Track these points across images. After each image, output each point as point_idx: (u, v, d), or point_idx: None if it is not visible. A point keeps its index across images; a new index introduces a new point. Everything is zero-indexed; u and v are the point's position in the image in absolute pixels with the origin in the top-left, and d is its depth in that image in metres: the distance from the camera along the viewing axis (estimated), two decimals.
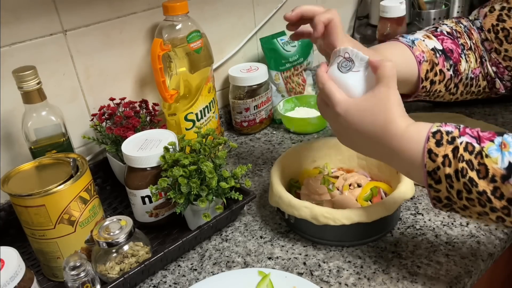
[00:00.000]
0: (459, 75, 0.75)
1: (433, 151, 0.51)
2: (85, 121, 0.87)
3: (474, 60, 0.76)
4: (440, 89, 0.74)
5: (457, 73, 0.75)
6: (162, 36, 0.86)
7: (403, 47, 0.72)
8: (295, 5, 1.14)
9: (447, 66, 0.74)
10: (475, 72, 0.77)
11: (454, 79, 0.75)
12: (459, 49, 0.75)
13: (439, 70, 0.73)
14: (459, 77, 0.75)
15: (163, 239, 0.76)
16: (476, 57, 0.77)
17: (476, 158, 0.49)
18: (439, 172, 0.51)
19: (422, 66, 0.71)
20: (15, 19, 0.75)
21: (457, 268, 0.63)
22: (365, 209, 0.65)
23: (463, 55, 0.75)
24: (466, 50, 0.76)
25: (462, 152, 0.50)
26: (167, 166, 0.71)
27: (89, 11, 0.82)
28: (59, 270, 0.68)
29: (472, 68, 0.76)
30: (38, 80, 0.70)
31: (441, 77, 0.73)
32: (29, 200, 0.62)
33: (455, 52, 0.75)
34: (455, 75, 0.75)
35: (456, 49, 0.75)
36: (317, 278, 0.65)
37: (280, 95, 1.10)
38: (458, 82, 0.76)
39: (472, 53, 0.76)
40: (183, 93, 0.89)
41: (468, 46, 0.76)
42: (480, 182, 0.49)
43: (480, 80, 0.78)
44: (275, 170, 0.76)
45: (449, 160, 0.50)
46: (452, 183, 0.51)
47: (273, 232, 0.75)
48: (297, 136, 1.04)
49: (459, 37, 0.77)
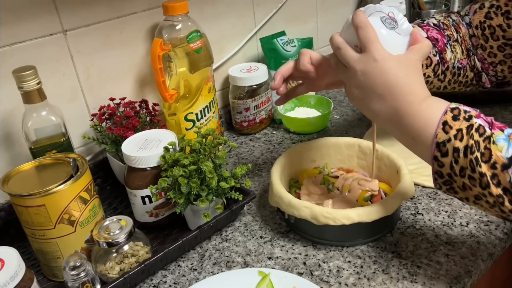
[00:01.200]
0: (445, 63, 0.77)
1: (448, 123, 0.52)
2: (85, 121, 0.87)
3: (461, 52, 0.78)
4: (428, 73, 0.76)
5: (443, 60, 0.76)
6: (162, 36, 0.86)
7: None
8: (294, 5, 1.15)
9: (433, 52, 0.76)
10: (462, 62, 0.78)
11: (441, 66, 0.77)
12: (444, 39, 0.77)
13: None
14: (445, 65, 0.77)
15: (163, 239, 0.76)
16: (462, 49, 0.79)
17: (484, 142, 0.51)
18: (448, 144, 0.52)
19: None
20: (15, 19, 0.75)
21: (457, 268, 0.63)
22: (365, 209, 0.65)
23: (448, 45, 0.77)
24: (452, 41, 0.78)
25: (474, 132, 0.51)
26: (167, 166, 0.71)
27: (89, 11, 0.82)
28: (59, 270, 0.68)
29: (459, 59, 0.78)
30: (38, 80, 0.70)
31: (428, 61, 0.75)
32: (29, 200, 0.62)
33: (440, 42, 0.77)
34: (441, 62, 0.76)
35: (442, 38, 0.77)
36: (317, 278, 0.65)
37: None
38: (445, 70, 0.77)
39: (458, 45, 0.78)
40: (183, 93, 0.89)
41: (454, 38, 0.78)
42: (482, 165, 0.50)
43: (467, 70, 0.80)
44: (275, 170, 0.76)
45: (462, 135, 0.51)
46: (458, 158, 0.51)
47: (273, 232, 0.75)
48: (297, 136, 1.04)
49: (446, 29, 0.79)
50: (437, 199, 0.77)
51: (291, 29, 1.17)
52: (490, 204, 0.52)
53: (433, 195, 0.78)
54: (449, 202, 0.76)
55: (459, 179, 0.53)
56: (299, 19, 1.19)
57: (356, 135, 0.84)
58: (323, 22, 1.25)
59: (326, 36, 1.27)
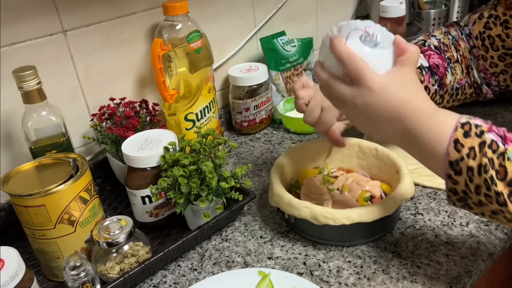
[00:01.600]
0: (444, 87, 0.78)
1: (460, 141, 0.50)
2: (85, 121, 0.87)
3: (460, 72, 0.79)
4: None
5: (442, 86, 0.77)
6: (162, 36, 0.86)
7: None
8: (294, 5, 1.15)
9: (432, 81, 0.77)
10: (461, 82, 0.79)
11: (439, 91, 0.78)
12: (445, 63, 0.78)
13: (424, 87, 0.75)
14: (444, 89, 0.78)
15: (163, 239, 0.76)
16: (462, 68, 0.79)
17: (498, 158, 0.49)
18: (461, 163, 0.50)
19: None
20: (15, 19, 0.75)
21: (457, 268, 0.63)
22: (365, 209, 0.65)
23: (449, 68, 0.78)
24: (452, 63, 0.78)
25: (487, 149, 0.49)
26: (167, 166, 0.71)
27: (89, 11, 0.82)
28: (59, 270, 0.68)
29: (458, 79, 0.79)
30: (38, 80, 0.70)
31: (426, 92, 0.73)
32: (29, 200, 0.62)
33: (441, 67, 0.77)
34: (441, 88, 0.77)
35: (443, 63, 0.78)
36: (317, 278, 0.65)
37: (280, 95, 1.09)
38: (443, 94, 0.78)
39: (458, 65, 0.79)
40: (183, 93, 0.89)
41: (454, 59, 0.79)
42: (498, 183, 0.48)
43: (466, 88, 0.81)
44: (275, 170, 0.76)
45: (475, 153, 0.49)
46: (472, 177, 0.50)
47: (273, 232, 0.75)
48: (297, 136, 1.04)
49: (446, 51, 0.79)
50: (437, 199, 0.77)
51: (291, 29, 1.17)
52: (508, 219, 0.50)
53: (433, 195, 0.78)
54: None
55: (474, 196, 0.51)
56: (299, 19, 1.19)
57: (356, 135, 0.84)
58: (323, 22, 1.25)
59: None
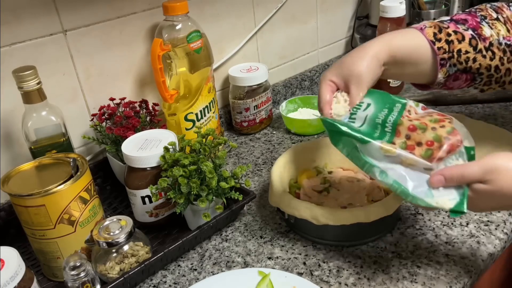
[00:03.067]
0: (485, 39, 0.68)
1: None
2: (85, 121, 0.87)
3: (505, 30, 0.70)
4: (466, 49, 0.68)
5: (481, 37, 0.68)
6: (162, 36, 0.86)
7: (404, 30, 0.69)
8: (294, 5, 1.15)
9: (463, 27, 0.68)
10: (511, 40, 0.70)
11: (480, 41, 0.68)
12: (476, 18, 0.70)
13: (452, 31, 0.68)
14: (486, 41, 0.68)
15: (163, 239, 0.76)
16: (508, 28, 0.70)
17: None
18: None
19: (425, 31, 0.67)
20: (15, 19, 0.75)
21: (457, 268, 0.63)
22: (365, 209, 0.65)
23: (484, 23, 0.70)
24: (488, 20, 0.70)
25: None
26: (167, 166, 0.71)
27: (89, 11, 0.82)
28: (59, 270, 0.68)
29: (504, 35, 0.69)
30: (38, 80, 0.70)
31: (459, 36, 0.68)
32: (29, 200, 0.62)
33: (470, 21, 0.69)
34: (479, 38, 0.68)
35: (472, 18, 0.70)
36: (317, 278, 0.65)
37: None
38: (489, 46, 0.68)
39: (499, 23, 0.70)
40: (183, 93, 0.89)
41: (492, 17, 0.71)
42: None
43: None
44: (275, 170, 0.76)
45: None
46: None
47: (273, 232, 0.75)
48: (297, 136, 1.04)
49: (478, 11, 0.72)
50: None
51: (291, 29, 1.17)
52: None
53: None
54: None
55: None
56: (299, 19, 1.19)
57: None
58: (323, 22, 1.25)
59: (326, 36, 1.27)
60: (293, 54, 1.21)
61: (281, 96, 1.20)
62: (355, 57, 0.65)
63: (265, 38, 1.13)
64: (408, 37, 0.68)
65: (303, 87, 1.25)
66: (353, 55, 0.66)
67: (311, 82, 1.27)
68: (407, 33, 0.68)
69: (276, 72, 1.19)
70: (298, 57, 1.23)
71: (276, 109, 1.15)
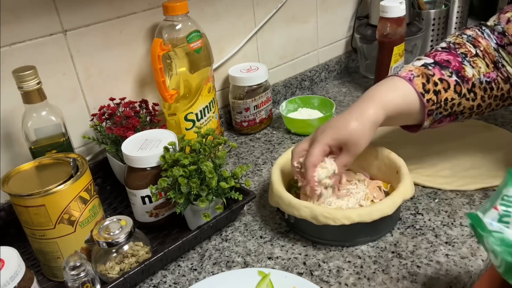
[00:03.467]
0: (468, 80, 0.71)
1: None
2: (85, 121, 0.87)
3: (485, 65, 0.73)
4: (452, 96, 0.71)
5: (463, 78, 0.71)
6: (162, 36, 0.86)
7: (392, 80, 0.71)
8: (294, 5, 1.15)
9: (447, 73, 0.71)
10: (491, 75, 0.73)
11: (464, 84, 0.71)
12: (458, 58, 0.73)
13: (438, 79, 0.70)
14: (469, 83, 0.71)
15: (163, 239, 0.76)
16: (487, 63, 0.73)
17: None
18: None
19: (414, 82, 0.70)
20: (15, 19, 0.75)
21: (457, 268, 0.63)
22: (365, 209, 0.65)
23: (466, 62, 0.72)
24: (469, 57, 0.73)
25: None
26: (167, 166, 0.71)
27: (89, 11, 0.82)
28: (59, 270, 0.68)
29: (484, 73, 0.72)
30: (38, 80, 0.70)
31: (445, 85, 0.70)
32: (29, 200, 0.62)
33: (452, 62, 0.72)
34: (462, 80, 0.71)
35: (454, 58, 0.73)
36: (317, 278, 0.65)
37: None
38: (471, 87, 0.71)
39: (479, 59, 0.73)
40: (183, 93, 0.89)
41: (471, 54, 0.73)
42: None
43: (500, 83, 0.73)
44: (275, 170, 0.76)
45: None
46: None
47: (273, 232, 0.75)
48: (297, 136, 1.04)
49: (458, 48, 0.74)
50: (437, 199, 0.77)
51: (291, 29, 1.17)
52: None
53: (433, 195, 0.78)
54: (449, 202, 0.76)
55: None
56: (299, 19, 1.19)
57: None
58: (323, 22, 1.25)
59: (326, 36, 1.27)
60: (293, 54, 1.22)
61: (281, 96, 1.20)
62: (354, 125, 0.67)
63: (265, 38, 1.13)
64: (400, 92, 0.70)
65: (303, 87, 1.25)
66: (351, 122, 0.67)
67: (311, 82, 1.27)
68: (397, 87, 0.70)
69: (276, 72, 1.19)
70: (298, 57, 1.23)
71: (276, 109, 1.15)
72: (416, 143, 0.92)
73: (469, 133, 0.94)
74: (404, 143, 0.92)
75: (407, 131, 0.78)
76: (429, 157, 0.87)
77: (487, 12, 1.59)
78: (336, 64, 1.33)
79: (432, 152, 0.89)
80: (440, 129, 0.95)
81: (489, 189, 0.78)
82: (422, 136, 0.93)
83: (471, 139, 0.91)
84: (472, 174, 0.81)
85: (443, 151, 0.89)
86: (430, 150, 0.89)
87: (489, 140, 0.91)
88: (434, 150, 0.89)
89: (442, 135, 0.93)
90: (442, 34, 1.35)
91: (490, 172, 0.81)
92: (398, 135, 0.95)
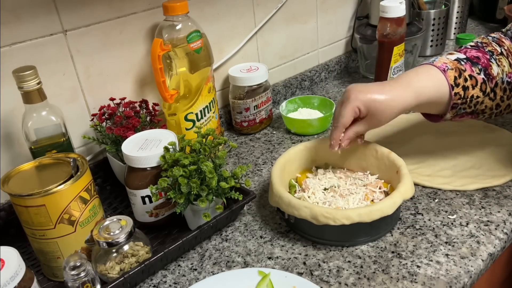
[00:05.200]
0: (492, 79, 0.73)
1: None
2: (85, 121, 0.87)
3: (508, 65, 0.75)
4: (477, 94, 0.73)
5: (489, 77, 0.73)
6: (162, 36, 0.86)
7: (429, 69, 0.73)
8: (294, 5, 1.15)
9: (476, 70, 0.73)
10: (511, 76, 0.75)
11: (489, 83, 0.73)
12: (486, 55, 0.75)
13: (468, 76, 0.72)
14: (493, 82, 0.73)
15: (163, 239, 0.76)
16: (510, 62, 0.75)
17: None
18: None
19: (447, 73, 0.71)
20: (15, 19, 0.75)
21: (457, 268, 0.63)
22: (365, 209, 0.65)
23: (493, 59, 0.74)
24: (495, 55, 0.75)
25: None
26: (167, 166, 0.71)
27: (89, 11, 0.82)
28: (59, 270, 0.68)
29: (507, 72, 0.74)
30: (38, 80, 0.70)
31: (473, 81, 0.72)
32: (29, 200, 0.62)
33: (482, 58, 0.74)
34: (489, 79, 0.73)
35: (483, 55, 0.75)
36: (317, 278, 0.65)
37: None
38: (494, 87, 0.74)
39: (504, 58, 0.75)
40: (183, 93, 0.89)
41: (497, 52, 0.76)
42: None
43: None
44: (275, 170, 0.76)
45: None
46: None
47: (273, 232, 0.75)
48: (297, 136, 1.04)
49: (485, 46, 0.76)
50: (437, 199, 0.77)
51: (291, 29, 1.17)
52: None
53: (433, 195, 0.79)
54: (449, 202, 0.76)
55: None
56: (299, 19, 1.19)
57: None
58: (323, 22, 1.25)
59: (326, 36, 1.27)
60: (293, 54, 1.22)
61: (281, 96, 1.20)
62: (386, 104, 0.70)
63: (265, 38, 1.13)
64: (435, 82, 0.72)
65: (303, 87, 1.25)
66: (386, 98, 0.70)
67: (311, 82, 1.27)
68: (432, 77, 0.72)
69: (276, 72, 1.19)
70: (298, 57, 1.23)
71: (276, 109, 1.15)
72: (416, 143, 0.92)
73: (469, 133, 0.94)
74: (404, 143, 0.92)
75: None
76: (429, 157, 0.87)
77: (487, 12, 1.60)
78: (336, 64, 1.33)
79: (432, 152, 0.89)
80: (440, 129, 0.95)
81: (489, 189, 0.78)
82: (422, 136, 0.94)
83: (471, 139, 0.92)
84: (472, 174, 0.82)
85: (443, 151, 0.89)
86: (430, 150, 0.89)
87: (489, 140, 0.91)
88: (434, 150, 0.89)
89: (442, 135, 0.93)
90: (442, 34, 1.35)
91: (490, 172, 0.81)
92: (398, 135, 0.95)
